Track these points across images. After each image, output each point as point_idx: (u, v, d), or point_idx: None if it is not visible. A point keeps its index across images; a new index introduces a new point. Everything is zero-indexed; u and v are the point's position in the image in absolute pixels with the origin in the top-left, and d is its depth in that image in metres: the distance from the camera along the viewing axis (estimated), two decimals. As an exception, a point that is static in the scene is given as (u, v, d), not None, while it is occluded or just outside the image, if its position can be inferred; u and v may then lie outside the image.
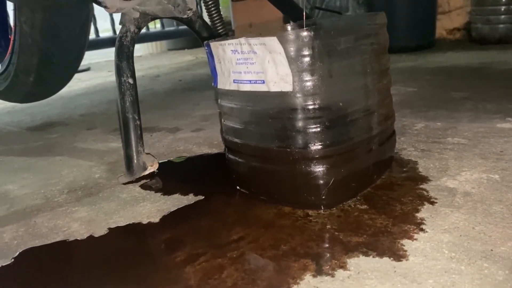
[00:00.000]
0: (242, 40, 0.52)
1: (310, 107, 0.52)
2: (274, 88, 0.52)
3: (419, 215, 0.51)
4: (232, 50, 0.54)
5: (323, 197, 0.54)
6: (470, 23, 2.09)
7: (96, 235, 0.56)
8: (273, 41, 0.49)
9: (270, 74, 0.52)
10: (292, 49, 0.50)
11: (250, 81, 0.54)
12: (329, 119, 0.53)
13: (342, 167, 0.54)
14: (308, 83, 0.51)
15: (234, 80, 0.56)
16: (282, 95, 0.52)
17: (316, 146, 0.53)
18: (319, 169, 0.53)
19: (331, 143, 0.53)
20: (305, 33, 0.49)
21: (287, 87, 0.51)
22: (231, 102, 0.59)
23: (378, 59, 0.58)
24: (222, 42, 0.55)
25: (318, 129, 0.52)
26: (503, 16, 1.88)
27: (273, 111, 0.54)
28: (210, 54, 0.59)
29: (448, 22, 2.26)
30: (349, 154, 0.55)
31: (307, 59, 0.50)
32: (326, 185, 0.54)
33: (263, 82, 0.52)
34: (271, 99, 0.53)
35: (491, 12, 1.91)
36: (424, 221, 0.50)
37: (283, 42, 0.49)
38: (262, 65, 0.52)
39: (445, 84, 1.24)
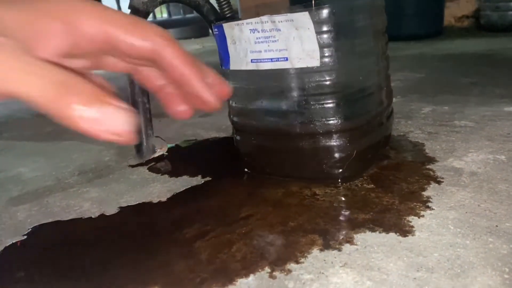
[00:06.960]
0: (265, 18, 0.52)
1: (335, 81, 0.53)
2: (298, 65, 0.53)
3: (425, 193, 0.52)
4: (251, 29, 0.54)
5: (345, 170, 0.56)
6: (479, 10, 2.07)
7: (107, 214, 0.57)
8: (303, 17, 0.50)
9: (295, 51, 0.52)
10: (318, 25, 0.51)
11: (271, 59, 0.54)
12: (351, 93, 0.55)
13: (362, 140, 0.57)
14: (333, 59, 0.52)
15: (252, 59, 0.56)
16: (307, 71, 0.53)
17: (340, 120, 0.54)
18: (342, 142, 0.55)
19: (354, 116, 0.55)
20: (332, 10, 0.50)
21: (313, 62, 0.52)
22: (246, 82, 0.59)
23: (383, 38, 0.60)
24: (239, 22, 0.55)
25: (342, 103, 0.54)
26: (512, 3, 1.86)
27: (296, 88, 0.54)
28: (222, 35, 0.59)
29: (456, 10, 2.24)
30: (367, 127, 0.57)
31: (332, 34, 0.51)
32: (349, 157, 0.55)
33: (286, 59, 0.53)
34: (295, 76, 0.54)
35: (500, -1, 1.90)
36: (430, 199, 0.50)
37: (312, 17, 0.50)
38: (286, 42, 0.52)
39: (453, 70, 1.24)
